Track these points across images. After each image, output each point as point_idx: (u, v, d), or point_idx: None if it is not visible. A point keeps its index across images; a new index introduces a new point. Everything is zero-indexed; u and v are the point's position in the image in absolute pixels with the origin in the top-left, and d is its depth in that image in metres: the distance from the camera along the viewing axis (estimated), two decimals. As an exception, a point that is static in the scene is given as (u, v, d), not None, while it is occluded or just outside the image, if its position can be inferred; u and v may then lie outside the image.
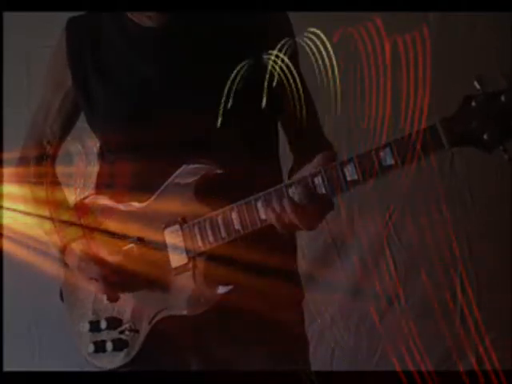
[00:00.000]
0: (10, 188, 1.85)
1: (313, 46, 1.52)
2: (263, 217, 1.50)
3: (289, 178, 1.59)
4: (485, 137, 1.30)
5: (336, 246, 2.95)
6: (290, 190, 1.47)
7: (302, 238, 1.75)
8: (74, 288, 1.79)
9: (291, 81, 1.56)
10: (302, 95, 1.70)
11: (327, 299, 2.94)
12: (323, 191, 1.45)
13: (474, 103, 1.31)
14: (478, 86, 1.30)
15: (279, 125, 1.76)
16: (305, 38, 1.54)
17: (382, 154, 1.38)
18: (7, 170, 1.88)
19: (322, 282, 2.90)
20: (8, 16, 2.72)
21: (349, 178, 1.42)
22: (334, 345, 2.96)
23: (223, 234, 1.56)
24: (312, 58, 1.81)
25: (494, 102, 1.29)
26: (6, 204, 1.88)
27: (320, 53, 1.52)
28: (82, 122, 1.82)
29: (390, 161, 1.38)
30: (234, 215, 1.53)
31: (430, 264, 2.91)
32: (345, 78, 1.51)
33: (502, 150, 1.31)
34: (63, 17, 1.81)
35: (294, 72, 1.58)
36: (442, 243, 2.91)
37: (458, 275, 2.93)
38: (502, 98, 1.29)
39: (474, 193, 2.90)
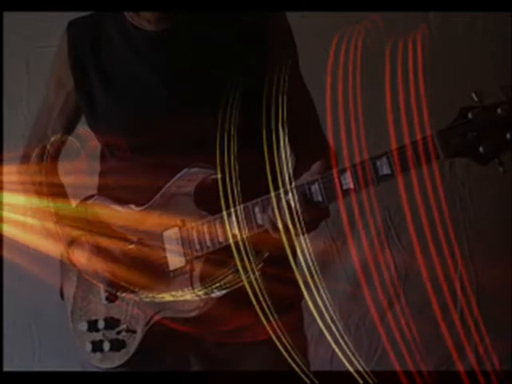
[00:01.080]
0: (11, 187, 1.85)
1: (313, 47, 1.52)
2: (260, 222, 1.51)
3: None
4: (480, 149, 1.30)
5: (336, 245, 2.95)
6: (287, 197, 1.47)
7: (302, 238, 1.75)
8: (75, 287, 1.80)
9: (291, 82, 1.56)
10: (303, 97, 1.70)
11: (327, 299, 2.93)
12: (319, 199, 1.46)
13: (470, 115, 1.30)
14: (475, 99, 1.29)
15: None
16: (305, 39, 1.54)
17: (378, 163, 1.38)
18: (8, 169, 1.88)
19: (322, 282, 2.90)
20: (8, 16, 2.72)
21: (345, 187, 1.42)
22: (334, 345, 2.95)
23: (220, 238, 1.56)
24: (312, 58, 1.81)
25: (490, 114, 1.28)
26: (6, 203, 1.88)
27: (320, 53, 1.52)
28: (83, 123, 1.82)
29: (386, 170, 1.38)
30: (232, 220, 1.54)
31: (430, 264, 2.91)
32: (345, 78, 1.50)
33: (498, 162, 1.30)
34: (63, 17, 1.81)
35: (294, 73, 1.58)
36: (442, 243, 2.91)
37: (458, 275, 2.92)
38: (499, 111, 1.27)
39: (474, 193, 2.90)
